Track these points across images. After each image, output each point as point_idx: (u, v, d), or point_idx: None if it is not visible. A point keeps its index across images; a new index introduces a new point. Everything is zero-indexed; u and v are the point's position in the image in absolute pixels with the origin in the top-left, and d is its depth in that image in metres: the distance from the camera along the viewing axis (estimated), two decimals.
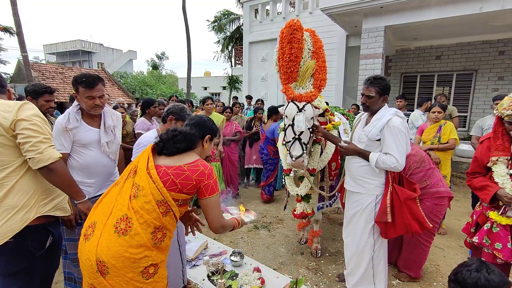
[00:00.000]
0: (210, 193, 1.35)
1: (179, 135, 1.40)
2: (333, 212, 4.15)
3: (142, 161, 1.35)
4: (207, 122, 1.56)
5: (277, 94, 9.68)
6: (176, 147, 1.37)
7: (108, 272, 1.20)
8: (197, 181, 1.32)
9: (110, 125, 2.05)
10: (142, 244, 1.24)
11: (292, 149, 2.24)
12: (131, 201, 1.28)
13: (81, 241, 1.31)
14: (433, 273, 2.68)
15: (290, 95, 2.28)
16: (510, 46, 7.10)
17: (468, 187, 5.02)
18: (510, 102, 1.58)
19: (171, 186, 1.29)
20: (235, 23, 16.77)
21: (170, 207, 1.30)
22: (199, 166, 1.35)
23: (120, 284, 1.21)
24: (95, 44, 27.44)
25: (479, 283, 1.11)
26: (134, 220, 1.24)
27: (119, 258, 1.20)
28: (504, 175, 1.62)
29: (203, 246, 2.97)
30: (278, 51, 2.34)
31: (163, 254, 1.35)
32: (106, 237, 1.23)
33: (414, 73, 8.44)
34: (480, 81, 7.59)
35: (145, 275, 1.25)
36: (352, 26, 7.01)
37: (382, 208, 2.03)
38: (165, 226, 1.31)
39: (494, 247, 1.65)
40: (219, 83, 23.24)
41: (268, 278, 2.43)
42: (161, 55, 29.95)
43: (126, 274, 1.21)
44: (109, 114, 2.09)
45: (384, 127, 1.97)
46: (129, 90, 17.55)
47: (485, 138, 1.83)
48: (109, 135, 2.04)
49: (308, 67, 2.29)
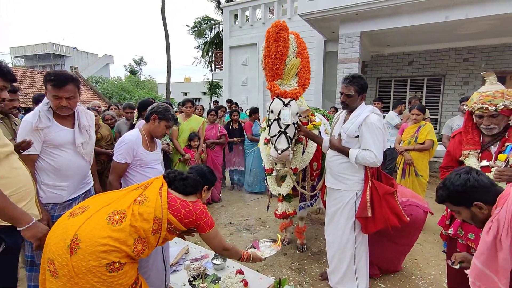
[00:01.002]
0: (209, 227, 1.55)
1: (188, 179, 1.60)
2: (314, 213, 4.18)
3: (156, 182, 1.53)
4: (207, 174, 1.73)
5: (257, 98, 9.73)
6: (186, 190, 1.56)
7: (76, 253, 1.18)
8: (197, 218, 1.49)
9: (85, 125, 1.95)
10: (122, 241, 1.26)
11: (278, 142, 2.25)
12: (134, 204, 1.37)
13: (64, 217, 1.31)
14: (411, 266, 2.76)
15: (276, 91, 2.34)
16: (474, 53, 7.62)
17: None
18: (479, 97, 1.65)
19: (176, 212, 1.43)
20: (214, 29, 16.80)
21: (161, 229, 1.39)
22: (200, 206, 1.54)
23: (81, 269, 1.18)
24: (68, 47, 26.34)
25: (468, 183, 1.11)
26: (127, 218, 1.30)
27: (95, 242, 1.20)
28: (475, 167, 1.69)
29: (183, 251, 2.87)
30: (264, 49, 2.42)
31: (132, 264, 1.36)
32: (95, 220, 1.27)
33: (389, 78, 8.82)
34: (448, 86, 8.06)
35: (109, 268, 1.23)
36: (329, 32, 7.23)
37: (362, 203, 2.06)
38: (149, 241, 1.36)
39: (467, 237, 1.70)
40: (199, 88, 23.06)
41: (251, 280, 2.39)
42: (139, 60, 29.33)
43: (91, 261, 1.19)
44: (83, 113, 1.98)
45: (362, 124, 2.02)
46: (106, 96, 16.96)
47: (457, 133, 1.90)
48: (84, 135, 1.93)
49: (293, 65, 2.36)
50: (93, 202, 1.40)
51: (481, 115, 1.64)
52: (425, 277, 2.59)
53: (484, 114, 1.62)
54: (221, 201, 4.69)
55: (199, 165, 1.82)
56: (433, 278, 2.58)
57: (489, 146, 1.69)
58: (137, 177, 2.03)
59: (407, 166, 3.58)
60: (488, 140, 1.70)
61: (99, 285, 1.20)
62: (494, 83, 1.67)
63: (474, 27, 5.99)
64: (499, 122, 1.62)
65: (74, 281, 1.18)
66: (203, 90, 22.05)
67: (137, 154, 2.03)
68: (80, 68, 24.15)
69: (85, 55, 27.47)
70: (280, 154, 2.22)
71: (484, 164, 1.66)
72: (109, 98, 16.86)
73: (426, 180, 3.67)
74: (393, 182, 2.17)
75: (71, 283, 1.18)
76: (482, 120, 1.65)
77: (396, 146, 3.86)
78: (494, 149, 1.67)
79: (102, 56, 27.96)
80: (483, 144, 1.71)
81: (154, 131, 2.11)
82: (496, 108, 1.57)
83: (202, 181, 1.67)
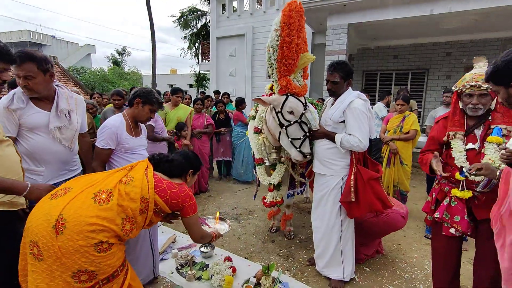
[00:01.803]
0: (193, 211, 1.55)
1: (174, 162, 1.60)
2: (302, 202, 4.22)
3: (141, 164, 1.52)
4: (192, 158, 1.73)
5: (245, 90, 9.66)
6: (171, 172, 1.56)
7: (62, 232, 1.15)
8: (182, 200, 1.48)
9: (63, 108, 1.84)
10: (110, 220, 1.24)
11: (303, 147, 2.19)
12: (120, 184, 1.35)
13: (45, 199, 1.27)
14: (395, 251, 2.84)
15: (293, 89, 2.12)
16: (456, 47, 7.83)
17: (424, 175, 5.41)
18: (472, 76, 1.66)
19: (162, 192, 1.42)
20: (201, 20, 16.43)
21: (148, 209, 1.37)
22: (185, 189, 1.53)
23: (68, 249, 1.14)
24: (46, 35, 25.09)
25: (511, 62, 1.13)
26: (114, 198, 1.29)
27: (82, 221, 1.18)
28: (461, 150, 1.71)
29: (170, 239, 2.84)
30: (280, 38, 2.03)
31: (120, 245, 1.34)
32: (80, 200, 1.24)
33: (375, 71, 8.95)
34: (432, 80, 8.28)
35: (98, 247, 1.20)
36: (317, 24, 7.23)
37: (346, 188, 2.09)
38: (137, 221, 1.35)
39: (453, 220, 1.74)
40: (186, 80, 22.60)
41: (239, 266, 2.40)
42: (122, 50, 28.37)
43: (79, 241, 1.16)
44: (63, 97, 1.88)
45: (346, 109, 2.03)
46: (88, 87, 16.36)
47: (440, 118, 1.94)
48: (62, 119, 1.83)
49: (307, 60, 2.13)
50: (75, 183, 1.37)
51: (472, 94, 1.65)
52: (408, 260, 2.68)
53: (476, 93, 1.63)
54: (208, 192, 4.66)
55: (184, 151, 1.80)
56: (415, 261, 2.67)
57: (474, 129, 1.72)
58: (121, 163, 1.97)
59: (392, 155, 3.66)
60: (472, 124, 1.74)
61: (87, 265, 1.17)
62: (484, 68, 1.68)
63: (457, 22, 6.14)
64: (486, 103, 1.64)
65: (61, 261, 1.14)
66: (189, 82, 21.65)
67: (121, 140, 1.97)
68: (60, 58, 23.01)
69: (65, 44, 26.25)
70: (307, 157, 2.20)
71: (470, 147, 1.69)
72: (91, 90, 16.28)
73: (410, 169, 3.77)
74: (379, 168, 2.21)
75: (57, 264, 1.14)
76: (471, 99, 1.66)
77: (381, 136, 3.94)
78: (478, 132, 1.71)
79: (83, 46, 26.82)
80: (467, 128, 1.74)
81: (138, 115, 2.05)
82: (488, 87, 1.59)
83: (188, 165, 1.66)
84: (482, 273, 1.77)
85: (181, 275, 2.33)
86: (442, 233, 1.83)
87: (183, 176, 1.66)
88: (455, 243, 1.87)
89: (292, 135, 2.20)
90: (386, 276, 2.42)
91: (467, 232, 1.72)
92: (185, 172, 1.66)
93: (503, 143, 1.56)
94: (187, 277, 2.27)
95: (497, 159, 1.53)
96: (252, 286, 2.15)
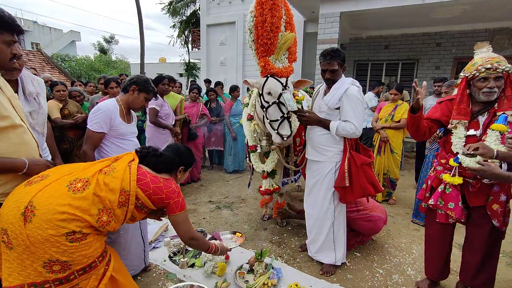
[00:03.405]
0: (180, 209, 1.46)
1: (162, 157, 1.52)
2: (294, 190, 4.26)
3: (127, 156, 1.45)
4: (184, 154, 1.64)
5: (236, 79, 9.53)
6: (157, 167, 1.48)
7: (31, 220, 1.10)
8: (167, 196, 1.41)
9: (31, 91, 1.72)
10: (84, 210, 1.18)
11: (281, 128, 2.15)
12: (100, 173, 1.30)
13: (20, 186, 1.22)
14: (384, 237, 2.91)
15: (271, 70, 2.14)
16: (446, 38, 7.90)
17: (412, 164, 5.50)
18: (485, 59, 1.60)
19: (145, 186, 1.36)
20: (190, 7, 15.98)
21: (128, 203, 1.32)
22: (172, 184, 1.46)
23: (37, 238, 1.09)
24: (28, 21, 23.94)
25: None
26: (91, 187, 1.23)
27: (52, 210, 1.13)
28: (461, 137, 1.70)
29: (162, 228, 2.82)
30: (254, 18, 2.13)
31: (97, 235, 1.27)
32: (54, 187, 1.18)
33: (366, 61, 8.96)
34: (421, 70, 8.35)
35: (69, 237, 1.15)
36: (309, 12, 7.14)
37: (340, 173, 2.10)
38: (115, 213, 1.29)
39: (447, 207, 1.75)
40: (175, 69, 22.15)
41: (232, 254, 2.40)
42: (110, 38, 27.44)
43: (48, 230, 1.10)
44: (28, 79, 1.76)
45: (343, 96, 2.03)
46: (73, 75, 15.81)
47: (444, 100, 1.88)
48: (32, 103, 1.72)
49: (287, 39, 2.15)
50: (54, 171, 1.31)
51: (487, 77, 1.59)
52: (397, 245, 2.75)
53: (491, 76, 1.58)
54: (200, 181, 4.63)
55: (177, 143, 1.73)
56: (403, 246, 2.74)
57: (477, 115, 1.71)
58: (113, 149, 1.93)
59: (382, 144, 3.71)
60: (477, 109, 1.71)
61: (58, 255, 1.12)
62: (490, 52, 1.64)
63: (448, 12, 6.17)
64: (501, 86, 1.60)
65: (30, 250, 1.09)
66: (179, 72, 21.24)
67: (114, 124, 1.92)
68: (43, 45, 22.09)
69: (48, 30, 25.13)
70: (286, 140, 2.15)
71: (471, 133, 1.68)
72: (77, 78, 15.76)
73: (400, 157, 3.83)
74: (371, 153, 2.23)
75: (27, 253, 1.09)
76: (486, 83, 1.60)
77: (373, 124, 3.97)
78: (482, 119, 1.69)
79: (67, 32, 25.72)
80: (471, 114, 1.71)
81: (132, 102, 2.00)
82: (504, 69, 1.55)
83: (178, 161, 1.59)
84: (470, 258, 1.82)
85: (174, 263, 2.32)
86: (436, 220, 1.86)
87: (173, 172, 1.59)
88: (448, 230, 1.91)
89: (271, 116, 2.20)
90: (376, 261, 2.48)
91: (460, 219, 1.74)
92: (175, 168, 1.59)
93: (507, 131, 1.54)
94: (180, 264, 2.27)
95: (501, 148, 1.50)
96: (245, 272, 2.17)
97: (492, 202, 1.67)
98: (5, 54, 1.26)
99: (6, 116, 1.26)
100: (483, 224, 1.73)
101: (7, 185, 1.30)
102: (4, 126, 1.25)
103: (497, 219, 1.67)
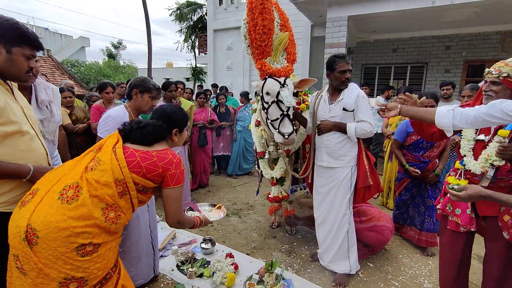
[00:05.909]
0: (176, 183, 1.31)
1: (147, 127, 1.35)
2: (302, 197, 4.18)
3: (110, 140, 1.31)
4: (171, 115, 1.45)
5: (243, 83, 9.54)
6: (145, 140, 1.32)
7: (37, 243, 1.04)
8: (164, 169, 1.28)
9: (44, 99, 1.74)
10: (86, 217, 1.10)
11: (282, 126, 2.12)
12: (86, 172, 1.20)
13: (16, 209, 1.15)
14: (398, 246, 2.81)
15: (268, 70, 2.18)
16: (455, 41, 7.76)
17: None
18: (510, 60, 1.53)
19: (136, 167, 1.23)
20: (197, 13, 16.14)
21: (128, 190, 1.23)
22: (168, 155, 1.31)
23: (48, 258, 1.04)
24: (39, 27, 24.50)
25: None
26: (84, 190, 1.14)
27: (54, 228, 1.05)
28: (470, 139, 1.66)
29: (170, 236, 2.79)
30: (247, 23, 2.20)
31: (110, 237, 1.21)
32: (46, 203, 1.10)
33: (374, 65, 8.87)
34: (430, 73, 8.22)
35: (80, 252, 1.09)
36: (317, 16, 7.10)
37: (362, 173, 2.14)
38: (119, 206, 1.22)
39: (454, 213, 1.69)
40: (182, 74, 22.31)
41: (241, 263, 2.35)
42: (118, 44, 27.87)
43: (58, 248, 1.05)
44: (41, 87, 1.77)
45: (357, 98, 2.10)
46: (83, 81, 16.07)
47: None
48: (44, 111, 1.74)
49: (282, 39, 2.21)
50: (43, 182, 1.21)
51: (486, 80, 1.58)
52: (411, 255, 2.65)
53: (488, 79, 1.57)
54: (208, 187, 4.59)
55: (161, 107, 1.53)
56: (419, 256, 2.65)
57: None
58: None
59: None
60: None
61: (73, 272, 1.07)
62: None
63: (458, 14, 6.06)
64: (498, 91, 1.54)
65: (44, 273, 1.04)
66: (186, 76, 21.40)
67: None
68: (53, 51, 22.53)
69: (58, 36, 25.67)
70: (288, 138, 2.09)
71: (481, 138, 1.63)
72: (86, 83, 16.00)
73: None
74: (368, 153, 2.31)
75: (41, 277, 1.04)
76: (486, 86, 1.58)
77: (383, 130, 3.89)
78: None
79: (77, 38, 26.25)
80: None
81: (139, 106, 1.98)
82: (500, 75, 1.50)
83: (167, 126, 1.42)
84: (490, 272, 1.73)
85: (182, 272, 2.28)
86: (447, 227, 1.79)
87: (168, 139, 1.44)
88: (460, 239, 1.82)
89: (271, 116, 2.18)
90: (390, 272, 2.39)
91: (469, 227, 1.66)
92: (167, 134, 1.43)
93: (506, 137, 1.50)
94: (188, 274, 2.22)
95: (493, 155, 1.49)
96: (255, 283, 2.11)
97: (504, 213, 1.57)
98: (23, 66, 1.30)
99: (14, 121, 1.25)
100: (499, 237, 1.64)
101: (11, 193, 1.28)
102: (12, 131, 1.24)
103: (507, 231, 1.55)
